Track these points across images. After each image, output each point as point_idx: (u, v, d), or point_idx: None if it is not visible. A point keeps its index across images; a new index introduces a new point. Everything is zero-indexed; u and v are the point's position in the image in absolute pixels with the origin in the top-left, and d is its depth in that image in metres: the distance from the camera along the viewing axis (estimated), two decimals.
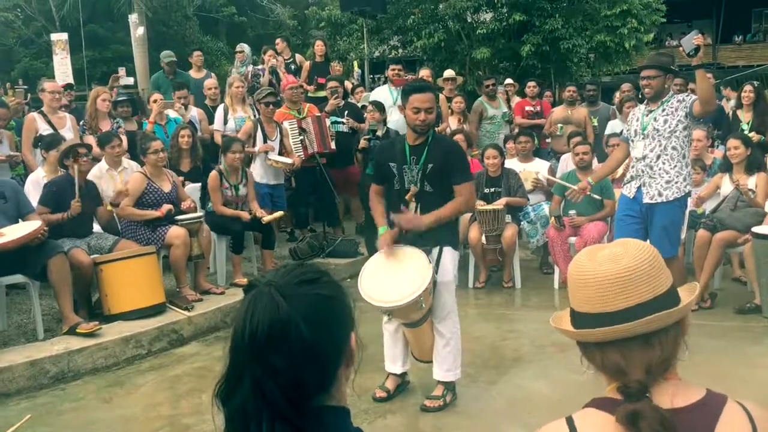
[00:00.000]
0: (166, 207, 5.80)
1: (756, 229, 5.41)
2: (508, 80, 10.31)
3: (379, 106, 7.07)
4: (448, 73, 9.83)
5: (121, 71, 11.40)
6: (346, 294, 1.24)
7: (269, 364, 1.11)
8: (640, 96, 7.16)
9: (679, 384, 1.29)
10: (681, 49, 4.86)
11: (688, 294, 1.36)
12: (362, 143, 6.83)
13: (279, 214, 6.44)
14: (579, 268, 1.34)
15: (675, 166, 4.93)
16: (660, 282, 1.29)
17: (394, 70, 8.00)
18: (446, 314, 4.01)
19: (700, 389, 1.29)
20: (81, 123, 7.03)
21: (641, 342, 1.27)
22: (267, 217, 6.31)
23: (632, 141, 5.12)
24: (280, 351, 1.11)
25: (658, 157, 4.94)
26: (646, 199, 5.02)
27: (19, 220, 5.16)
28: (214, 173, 6.42)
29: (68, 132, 6.56)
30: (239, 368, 1.13)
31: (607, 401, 1.29)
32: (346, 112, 8.11)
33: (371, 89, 9.75)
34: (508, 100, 9.54)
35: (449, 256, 3.97)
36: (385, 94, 7.72)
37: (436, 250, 3.91)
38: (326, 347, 1.16)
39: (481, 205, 6.36)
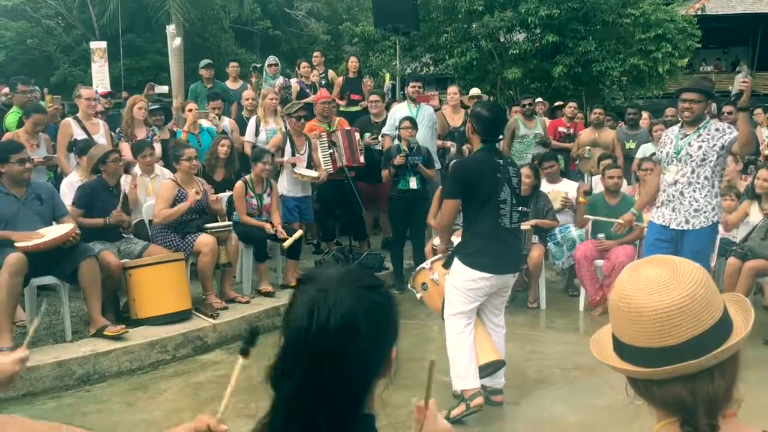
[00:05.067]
0: (193, 195, 5.88)
1: None
2: (539, 99, 10.32)
3: (414, 123, 7.08)
4: (474, 91, 9.87)
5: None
6: (397, 306, 1.27)
7: (328, 358, 1.14)
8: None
9: (738, 425, 1.22)
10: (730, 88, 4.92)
11: (736, 309, 1.27)
12: (398, 160, 6.81)
13: (298, 234, 6.48)
14: (626, 299, 1.22)
15: (705, 195, 4.85)
16: (717, 305, 1.20)
17: (414, 87, 8.07)
18: (445, 316, 4.23)
19: (756, 431, 1.23)
20: (117, 130, 7.16)
21: (706, 375, 1.19)
22: (287, 242, 6.39)
23: (665, 165, 5.06)
24: (340, 347, 1.14)
25: (690, 183, 4.87)
26: (672, 225, 4.96)
27: (53, 222, 5.27)
28: (239, 183, 6.51)
29: (101, 138, 6.68)
30: (297, 358, 1.16)
31: None
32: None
33: None
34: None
35: (454, 265, 4.21)
36: (404, 110, 7.75)
37: None
38: (375, 354, 1.19)
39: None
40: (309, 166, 7.33)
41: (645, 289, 1.21)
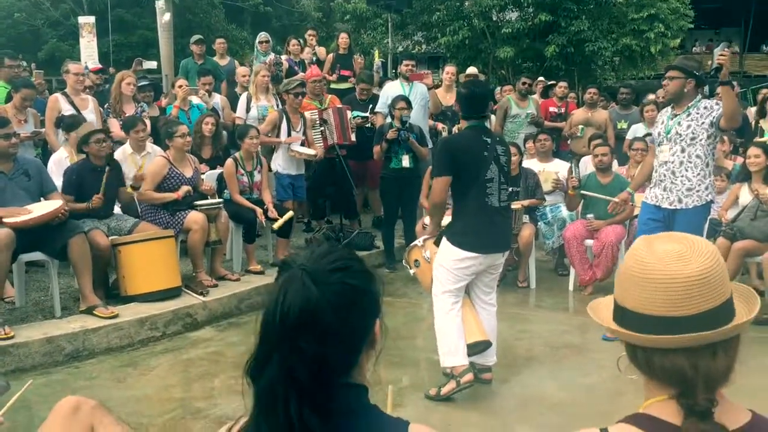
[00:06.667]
0: (185, 189, 5.83)
1: None
2: (540, 78, 10.31)
3: (408, 102, 7.02)
4: (471, 70, 9.83)
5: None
6: (375, 282, 1.28)
7: (297, 346, 1.15)
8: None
9: (727, 403, 1.22)
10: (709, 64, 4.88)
11: (736, 296, 1.26)
12: (391, 134, 6.74)
13: (288, 215, 6.44)
14: (643, 265, 1.22)
15: (698, 174, 4.85)
16: (727, 285, 1.21)
17: (407, 65, 8.07)
18: (433, 295, 4.24)
19: (745, 410, 1.23)
20: (105, 106, 7.09)
21: (709, 350, 1.19)
22: (277, 224, 6.36)
23: (657, 145, 5.08)
24: (308, 334, 1.15)
25: (681, 163, 4.87)
26: (665, 204, 4.96)
27: (41, 198, 5.23)
28: (230, 161, 6.46)
29: (90, 114, 6.60)
30: (268, 348, 1.18)
31: (646, 419, 1.21)
32: (370, 106, 8.12)
33: None
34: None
35: (441, 244, 4.20)
36: (396, 89, 7.73)
37: None
38: (351, 333, 1.21)
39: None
40: (303, 144, 7.28)
41: (664, 259, 1.20)
